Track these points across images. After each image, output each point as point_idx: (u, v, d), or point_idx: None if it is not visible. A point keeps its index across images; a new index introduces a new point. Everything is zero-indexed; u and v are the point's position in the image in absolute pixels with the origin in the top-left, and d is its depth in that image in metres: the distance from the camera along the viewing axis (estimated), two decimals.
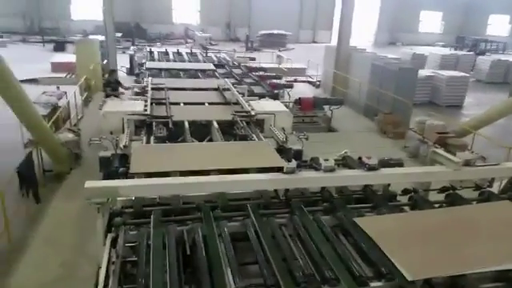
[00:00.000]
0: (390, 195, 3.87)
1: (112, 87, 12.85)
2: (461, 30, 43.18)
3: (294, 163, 3.53)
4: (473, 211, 3.65)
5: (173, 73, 10.85)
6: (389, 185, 3.99)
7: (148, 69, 11.00)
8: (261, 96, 8.43)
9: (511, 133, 14.03)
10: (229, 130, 6.04)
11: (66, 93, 12.14)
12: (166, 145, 5.12)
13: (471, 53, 28.51)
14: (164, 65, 12.05)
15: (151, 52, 14.63)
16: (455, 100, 17.64)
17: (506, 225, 3.38)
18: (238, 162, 4.29)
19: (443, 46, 38.26)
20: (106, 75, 14.99)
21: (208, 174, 3.84)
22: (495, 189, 4.28)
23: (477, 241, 3.14)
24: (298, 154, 5.27)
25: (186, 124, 5.99)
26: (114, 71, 14.53)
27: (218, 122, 6.12)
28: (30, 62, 20.89)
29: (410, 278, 2.58)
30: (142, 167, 4.00)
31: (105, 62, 16.35)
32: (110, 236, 3.08)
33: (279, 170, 3.69)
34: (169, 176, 3.77)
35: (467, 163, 3.82)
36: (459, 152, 4.03)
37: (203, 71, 11.24)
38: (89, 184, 3.13)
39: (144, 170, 3.93)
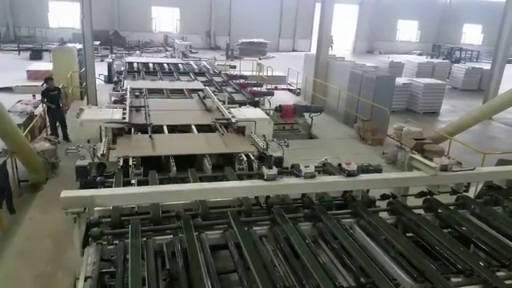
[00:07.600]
0: (370, 201, 3.91)
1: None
2: (436, 38, 44.17)
3: (274, 170, 3.52)
4: None
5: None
6: (368, 190, 4.03)
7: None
8: (241, 103, 8.44)
9: (486, 138, 14.41)
10: None
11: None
12: None
13: (447, 61, 29.15)
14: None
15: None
16: (432, 107, 18.02)
17: None
18: None
19: (420, 55, 39.10)
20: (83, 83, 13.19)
21: None
22: (471, 193, 4.36)
23: None
24: (278, 161, 5.27)
25: (166, 131, 5.92)
26: (49, 79, 11.27)
27: (198, 129, 6.09)
28: (4, 70, 20.44)
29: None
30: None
31: (82, 70, 16.12)
32: (87, 246, 3.01)
33: None
34: None
35: (444, 168, 3.87)
36: (436, 158, 4.08)
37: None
38: (65, 193, 3.06)
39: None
